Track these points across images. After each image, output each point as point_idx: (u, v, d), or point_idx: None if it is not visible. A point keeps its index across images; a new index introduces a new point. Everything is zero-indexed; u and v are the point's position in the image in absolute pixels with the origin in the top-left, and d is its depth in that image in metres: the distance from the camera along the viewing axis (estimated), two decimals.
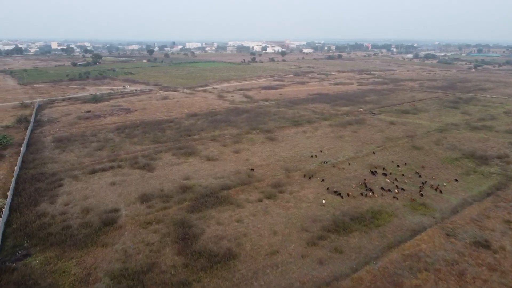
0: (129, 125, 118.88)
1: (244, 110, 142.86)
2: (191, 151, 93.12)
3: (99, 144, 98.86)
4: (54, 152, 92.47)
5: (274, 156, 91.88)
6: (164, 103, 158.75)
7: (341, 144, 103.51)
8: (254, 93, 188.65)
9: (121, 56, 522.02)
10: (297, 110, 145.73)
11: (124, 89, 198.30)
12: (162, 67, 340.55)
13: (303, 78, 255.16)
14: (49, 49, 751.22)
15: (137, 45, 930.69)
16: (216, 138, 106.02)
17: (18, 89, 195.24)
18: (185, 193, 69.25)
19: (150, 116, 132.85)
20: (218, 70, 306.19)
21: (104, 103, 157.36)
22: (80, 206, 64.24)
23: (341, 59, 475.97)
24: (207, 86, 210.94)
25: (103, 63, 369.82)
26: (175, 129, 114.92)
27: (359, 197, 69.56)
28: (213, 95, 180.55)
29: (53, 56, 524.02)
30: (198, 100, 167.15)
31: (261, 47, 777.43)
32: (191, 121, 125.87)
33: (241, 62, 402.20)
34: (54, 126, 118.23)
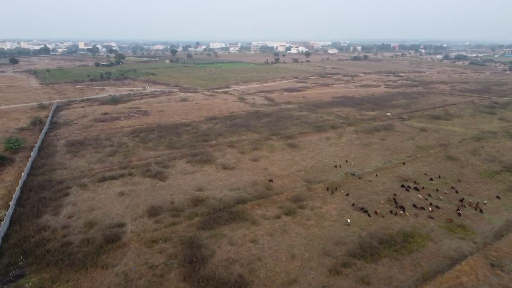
0: (144, 129, 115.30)
1: (265, 114, 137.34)
2: (207, 159, 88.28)
3: (112, 149, 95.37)
4: (65, 157, 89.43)
5: (294, 165, 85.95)
6: (183, 105, 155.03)
7: (368, 152, 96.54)
8: (276, 95, 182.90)
9: (144, 56, 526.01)
10: (320, 114, 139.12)
11: (143, 90, 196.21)
12: (184, 67, 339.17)
13: (328, 80, 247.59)
14: (76, 49, 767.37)
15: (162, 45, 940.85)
16: (234, 144, 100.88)
17: (39, 90, 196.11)
18: (197, 207, 64.27)
19: (167, 119, 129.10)
20: (240, 71, 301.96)
21: (122, 104, 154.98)
22: (84, 219, 60.19)
23: (367, 60, 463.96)
24: (228, 88, 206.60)
25: (126, 63, 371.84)
26: (192, 134, 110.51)
27: (388, 215, 62.85)
28: (234, 97, 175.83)
29: (78, 56, 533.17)
30: (218, 102, 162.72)
31: (285, 47, 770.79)
32: (209, 125, 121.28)
33: (264, 62, 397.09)
34: (69, 129, 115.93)
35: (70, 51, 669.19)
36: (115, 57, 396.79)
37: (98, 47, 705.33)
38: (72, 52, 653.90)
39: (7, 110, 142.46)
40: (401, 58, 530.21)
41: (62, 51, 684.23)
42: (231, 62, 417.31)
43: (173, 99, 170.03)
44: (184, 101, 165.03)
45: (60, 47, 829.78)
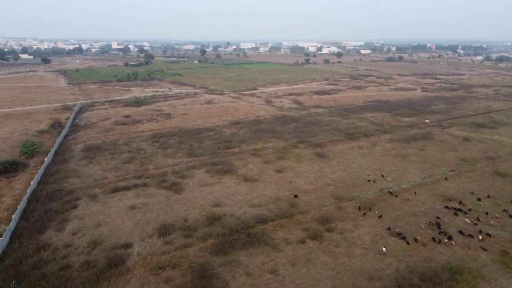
0: (165, 133, 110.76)
1: (293, 119, 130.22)
2: (228, 168, 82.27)
3: (129, 156, 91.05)
4: (79, 164, 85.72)
5: (323, 179, 78.60)
6: (207, 108, 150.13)
7: (405, 165, 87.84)
8: (305, 98, 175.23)
9: (174, 56, 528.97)
10: (352, 120, 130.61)
11: (169, 91, 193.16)
12: (212, 68, 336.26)
13: (360, 82, 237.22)
14: (109, 48, 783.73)
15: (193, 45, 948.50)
16: (258, 152, 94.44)
17: (66, 90, 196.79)
18: (212, 226, 58.26)
19: (190, 123, 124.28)
20: (268, 72, 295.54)
21: (146, 106, 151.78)
22: (89, 236, 55.36)
23: (402, 61, 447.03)
24: (255, 90, 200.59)
25: (154, 64, 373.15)
26: (214, 140, 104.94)
27: (430, 243, 54.67)
28: (261, 100, 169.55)
29: (110, 55, 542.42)
30: (244, 105, 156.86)
31: (316, 47, 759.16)
32: (233, 130, 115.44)
33: (293, 63, 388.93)
34: (88, 132, 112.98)
35: (103, 51, 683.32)
36: (144, 57, 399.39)
37: (129, 47, 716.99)
38: (105, 52, 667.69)
39: (31, 111, 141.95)
40: (438, 59, 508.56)
41: (96, 51, 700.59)
42: (260, 62, 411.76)
43: (198, 101, 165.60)
44: (209, 103, 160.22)
45: (94, 46, 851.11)
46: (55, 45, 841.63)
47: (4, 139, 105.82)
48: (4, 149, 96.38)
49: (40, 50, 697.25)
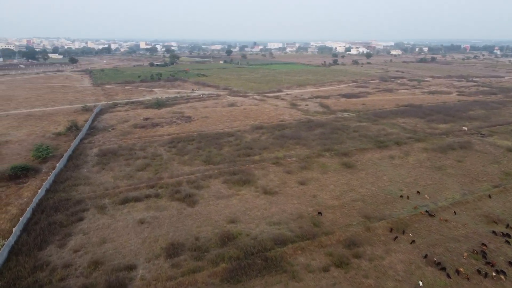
0: (184, 138, 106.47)
1: (319, 124, 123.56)
2: (246, 179, 76.80)
3: (144, 162, 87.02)
4: (92, 170, 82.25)
5: (350, 193, 72.00)
6: (229, 111, 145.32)
7: (442, 178, 80.00)
8: (332, 101, 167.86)
9: (199, 56, 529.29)
10: (382, 126, 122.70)
11: (192, 92, 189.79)
12: (237, 68, 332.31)
13: (391, 85, 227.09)
14: (138, 48, 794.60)
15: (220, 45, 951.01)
16: (280, 161, 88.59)
17: (89, 90, 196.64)
18: (226, 247, 52.89)
19: (210, 127, 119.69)
20: (294, 73, 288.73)
21: (167, 109, 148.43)
22: (91, 255, 51.05)
23: (435, 63, 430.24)
24: (280, 92, 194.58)
25: (179, 64, 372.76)
26: (234, 146, 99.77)
27: (475, 277, 47.47)
28: (285, 103, 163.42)
29: (137, 55, 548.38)
30: (267, 108, 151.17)
31: (344, 48, 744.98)
32: (255, 136, 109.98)
33: (321, 64, 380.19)
34: (105, 135, 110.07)
35: (131, 51, 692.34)
36: (169, 57, 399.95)
37: (156, 47, 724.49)
38: (132, 52, 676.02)
39: (52, 112, 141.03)
40: (473, 60, 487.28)
41: (124, 51, 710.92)
42: (286, 63, 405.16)
43: (220, 103, 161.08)
44: (232, 106, 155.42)
45: (123, 46, 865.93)
46: (86, 45, 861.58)
47: (21, 141, 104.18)
48: (19, 152, 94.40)
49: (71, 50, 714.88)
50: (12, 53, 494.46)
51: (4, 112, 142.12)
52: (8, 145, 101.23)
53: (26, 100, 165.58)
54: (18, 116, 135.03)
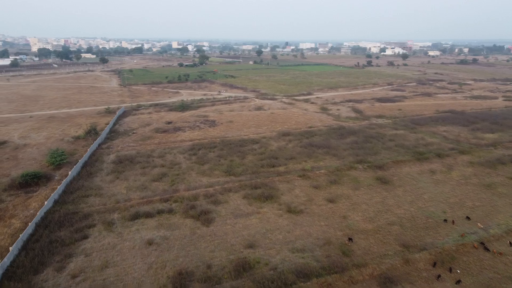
0: (206, 144, 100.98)
1: (351, 131, 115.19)
2: (269, 194, 70.11)
3: (161, 171, 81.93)
4: (105, 179, 77.82)
5: (385, 214, 63.99)
6: (256, 115, 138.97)
7: (492, 199, 70.53)
8: (366, 106, 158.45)
9: (229, 56, 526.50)
10: (421, 135, 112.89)
11: (218, 95, 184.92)
12: (267, 69, 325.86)
13: (429, 88, 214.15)
14: (170, 48, 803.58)
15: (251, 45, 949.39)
16: (307, 173, 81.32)
17: (115, 91, 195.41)
18: (240, 279, 46.41)
19: (234, 133, 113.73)
20: (326, 75, 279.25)
21: (191, 112, 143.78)
22: (90, 282, 45.82)
23: (477, 64, 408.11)
24: (310, 95, 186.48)
25: (209, 64, 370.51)
26: (258, 155, 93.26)
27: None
28: (315, 107, 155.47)
29: (167, 55, 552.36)
30: (296, 113, 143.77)
31: (379, 48, 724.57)
32: (281, 143, 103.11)
33: (354, 65, 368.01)
34: (125, 140, 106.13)
35: (163, 51, 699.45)
36: (199, 57, 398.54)
37: (187, 47, 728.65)
38: (164, 51, 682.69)
39: (75, 114, 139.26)
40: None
41: (156, 51, 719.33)
42: (317, 64, 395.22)
43: (247, 107, 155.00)
44: (259, 109, 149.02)
45: (156, 46, 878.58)
46: (120, 45, 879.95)
47: (39, 145, 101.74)
48: (35, 157, 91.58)
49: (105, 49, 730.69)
50: (48, 52, 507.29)
51: (29, 113, 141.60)
52: (26, 148, 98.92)
53: (52, 101, 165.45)
54: (41, 117, 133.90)
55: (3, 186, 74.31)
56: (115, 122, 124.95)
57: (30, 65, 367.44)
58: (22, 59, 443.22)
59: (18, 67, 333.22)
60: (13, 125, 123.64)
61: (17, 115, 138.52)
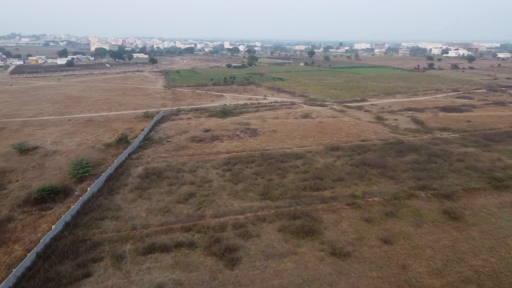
0: (243, 158, 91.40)
1: (411, 147, 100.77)
2: (310, 227, 58.88)
3: (189, 190, 73.28)
4: (127, 198, 70.33)
5: (457, 265, 50.62)
6: (302, 124, 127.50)
7: None
8: (428, 116, 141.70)
9: (280, 57, 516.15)
10: (497, 154, 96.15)
11: (264, 99, 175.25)
12: (318, 71, 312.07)
13: (502, 96, 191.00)
14: (222, 48, 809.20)
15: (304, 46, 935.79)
16: (358, 200, 69.07)
17: (159, 94, 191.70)
18: None
19: (276, 145, 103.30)
20: (382, 79, 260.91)
21: (232, 118, 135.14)
22: None
23: None
24: (363, 102, 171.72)
25: (258, 65, 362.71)
26: (301, 173, 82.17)
27: None
28: (369, 116, 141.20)
29: (217, 56, 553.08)
30: (347, 122, 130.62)
31: (441, 49, 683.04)
32: (328, 160, 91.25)
33: (413, 68, 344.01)
34: (158, 150, 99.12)
35: (214, 51, 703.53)
36: (248, 58, 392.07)
37: (238, 47, 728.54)
38: (215, 52, 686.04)
39: (113, 118, 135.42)
40: None
41: (208, 51, 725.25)
42: (373, 66, 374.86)
43: (293, 114, 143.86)
44: (306, 117, 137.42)
45: (209, 46, 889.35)
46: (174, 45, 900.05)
47: (69, 152, 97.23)
48: (62, 166, 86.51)
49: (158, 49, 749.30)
50: (104, 52, 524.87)
51: (69, 115, 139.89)
52: (55, 156, 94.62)
53: (94, 103, 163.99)
54: (79, 120, 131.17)
55: (19, 201, 69.06)
56: (151, 129, 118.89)
57: (84, 64, 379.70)
58: (79, 58, 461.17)
59: (72, 67, 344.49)
60: (50, 128, 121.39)
61: (57, 117, 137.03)
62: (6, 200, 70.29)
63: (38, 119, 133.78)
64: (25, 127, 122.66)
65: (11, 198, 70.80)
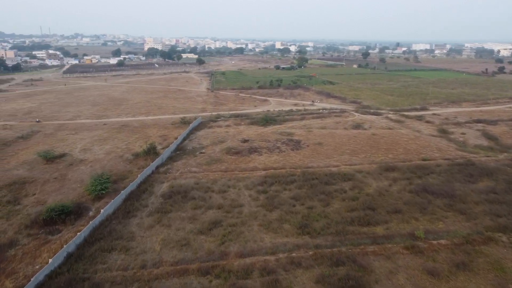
0: (282, 177, 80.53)
1: (484, 170, 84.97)
2: (356, 281, 46.89)
3: (215, 217, 63.66)
4: (144, 223, 61.84)
5: None
6: (353, 136, 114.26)
7: None
8: (503, 130, 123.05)
9: (332, 59, 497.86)
10: None
11: (311, 105, 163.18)
12: (372, 75, 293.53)
13: None
14: (273, 48, 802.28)
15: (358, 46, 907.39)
16: (419, 243, 55.85)
17: (200, 97, 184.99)
18: None
19: (322, 161, 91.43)
20: (445, 84, 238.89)
21: (274, 127, 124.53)
22: None
23: None
24: (424, 111, 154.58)
25: (308, 67, 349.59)
26: (348, 201, 69.99)
27: None
28: (431, 128, 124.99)
29: (267, 56, 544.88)
30: (405, 136, 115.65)
31: (511, 51, 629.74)
32: (382, 183, 78.15)
33: (481, 72, 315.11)
34: (189, 162, 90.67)
35: (264, 51, 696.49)
36: (297, 59, 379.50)
37: (289, 48, 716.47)
38: (265, 52, 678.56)
39: (149, 123, 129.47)
40: None
41: (259, 51, 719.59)
42: (434, 70, 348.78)
43: (343, 123, 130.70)
44: (357, 128, 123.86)
45: (260, 46, 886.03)
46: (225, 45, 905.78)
47: (95, 162, 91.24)
48: (83, 179, 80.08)
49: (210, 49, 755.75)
50: (155, 52, 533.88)
51: (106, 119, 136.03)
52: (80, 166, 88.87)
53: (134, 106, 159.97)
54: (114, 125, 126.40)
55: (28, 221, 62.75)
56: (185, 137, 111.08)
57: (134, 64, 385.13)
58: (130, 58, 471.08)
59: (122, 67, 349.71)
60: (83, 133, 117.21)
61: (93, 121, 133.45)
62: (16, 218, 64.35)
63: (74, 123, 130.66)
64: (59, 131, 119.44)
65: (22, 216, 64.78)
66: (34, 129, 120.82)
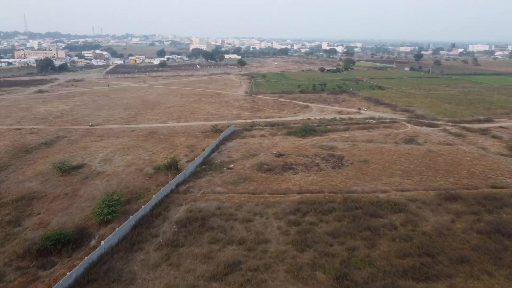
0: (318, 204, 68.75)
1: None
2: None
3: (234, 256, 53.20)
4: (149, 260, 52.45)
5: None
6: (405, 153, 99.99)
7: None
8: None
9: (381, 61, 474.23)
10: None
11: (357, 113, 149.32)
12: (426, 79, 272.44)
13: None
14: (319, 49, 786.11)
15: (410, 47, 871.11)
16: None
17: (237, 101, 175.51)
18: None
19: (367, 184, 78.60)
20: (511, 91, 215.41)
21: (314, 138, 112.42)
22: None
23: None
24: (489, 123, 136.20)
25: (355, 70, 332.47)
26: (400, 241, 57.17)
27: None
28: (499, 145, 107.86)
29: (311, 58, 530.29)
30: (468, 153, 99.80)
31: None
32: (442, 219, 64.42)
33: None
34: (213, 180, 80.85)
35: (310, 52, 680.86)
36: (344, 61, 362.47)
37: (335, 49, 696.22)
38: (310, 53, 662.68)
39: (178, 130, 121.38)
40: None
41: (304, 52, 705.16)
42: (496, 73, 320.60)
43: (393, 136, 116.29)
44: (410, 142, 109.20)
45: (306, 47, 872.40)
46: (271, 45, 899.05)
47: (113, 175, 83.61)
48: (95, 196, 72.30)
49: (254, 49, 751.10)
50: (199, 52, 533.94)
51: (135, 124, 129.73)
52: (96, 180, 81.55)
53: (166, 110, 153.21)
54: (141, 132, 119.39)
55: (21, 249, 55.22)
56: (214, 148, 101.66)
57: (176, 65, 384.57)
58: (173, 59, 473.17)
59: (164, 67, 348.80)
60: (108, 140, 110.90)
61: (122, 126, 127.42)
62: (11, 244, 57.24)
63: (102, 128, 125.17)
64: (85, 137, 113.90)
65: (17, 242, 57.61)
66: (59, 135, 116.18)
